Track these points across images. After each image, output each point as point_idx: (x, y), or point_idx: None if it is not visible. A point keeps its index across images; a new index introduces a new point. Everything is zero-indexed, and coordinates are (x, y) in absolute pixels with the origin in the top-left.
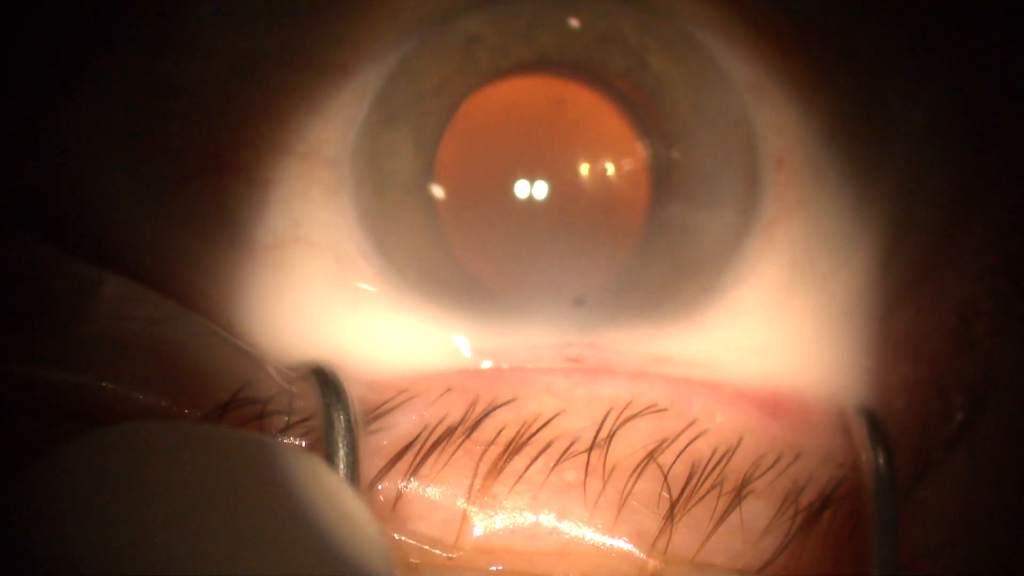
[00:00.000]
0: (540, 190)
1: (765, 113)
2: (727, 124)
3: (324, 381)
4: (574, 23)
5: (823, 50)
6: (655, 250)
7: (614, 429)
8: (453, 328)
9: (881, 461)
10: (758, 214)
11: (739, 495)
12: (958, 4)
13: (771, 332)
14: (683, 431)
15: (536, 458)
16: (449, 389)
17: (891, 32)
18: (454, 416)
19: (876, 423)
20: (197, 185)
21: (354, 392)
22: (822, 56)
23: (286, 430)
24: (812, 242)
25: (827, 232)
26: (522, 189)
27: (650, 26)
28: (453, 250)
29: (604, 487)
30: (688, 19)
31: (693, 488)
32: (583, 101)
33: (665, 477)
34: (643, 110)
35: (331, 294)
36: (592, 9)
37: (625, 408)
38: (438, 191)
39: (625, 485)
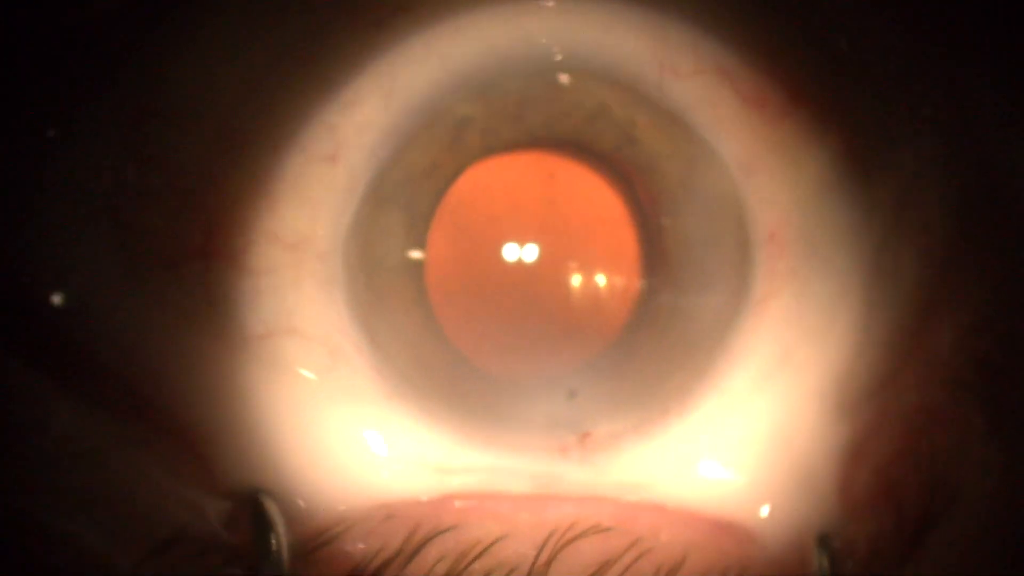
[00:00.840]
0: (530, 262)
1: (756, 187)
2: (717, 199)
3: (259, 515)
4: (563, 103)
5: (812, 115)
6: (645, 336)
7: (555, 552)
8: (444, 420)
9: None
10: (750, 292)
11: None
12: (951, 86)
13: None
14: (626, 550)
15: None
16: (390, 516)
17: (878, 88)
18: (391, 547)
19: (824, 540)
20: (184, 270)
21: (294, 519)
22: (810, 121)
23: (225, 565)
24: (803, 312)
25: (816, 299)
26: (514, 264)
27: (638, 104)
28: (444, 331)
29: None
30: (675, 97)
31: None
32: (574, 175)
33: None
34: (634, 184)
35: (320, 387)
36: (580, 89)
37: (568, 530)
38: (429, 268)
39: None
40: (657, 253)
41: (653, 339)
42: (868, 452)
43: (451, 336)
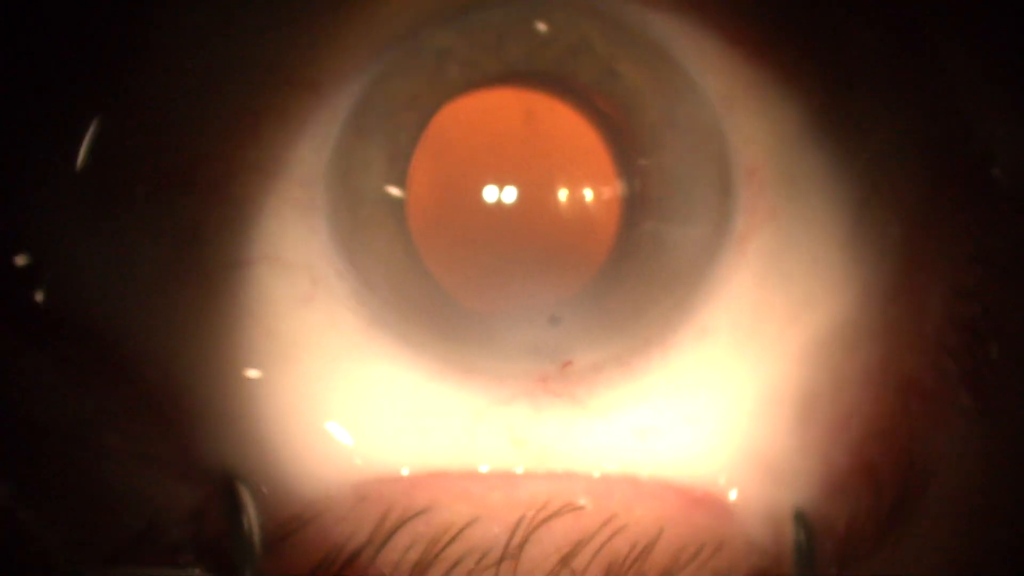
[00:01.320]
0: (510, 201)
1: (737, 123)
2: (699, 134)
3: (232, 501)
4: (543, 35)
5: (792, 58)
6: (628, 265)
7: (528, 534)
8: (425, 347)
9: (803, 553)
10: (731, 227)
11: None
12: (933, 55)
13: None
14: (600, 528)
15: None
16: (362, 498)
17: (860, 40)
18: (363, 533)
19: (801, 516)
20: (164, 199)
21: (266, 505)
22: (791, 64)
23: (197, 559)
24: (783, 255)
25: (797, 244)
26: (492, 200)
27: (620, 38)
28: (426, 265)
29: None
30: (658, 30)
31: None
32: (552, 113)
33: None
34: (614, 121)
35: (300, 318)
36: (561, 21)
37: (540, 509)
38: (411, 204)
39: None
40: (638, 186)
41: (635, 270)
42: (847, 425)
43: (432, 269)
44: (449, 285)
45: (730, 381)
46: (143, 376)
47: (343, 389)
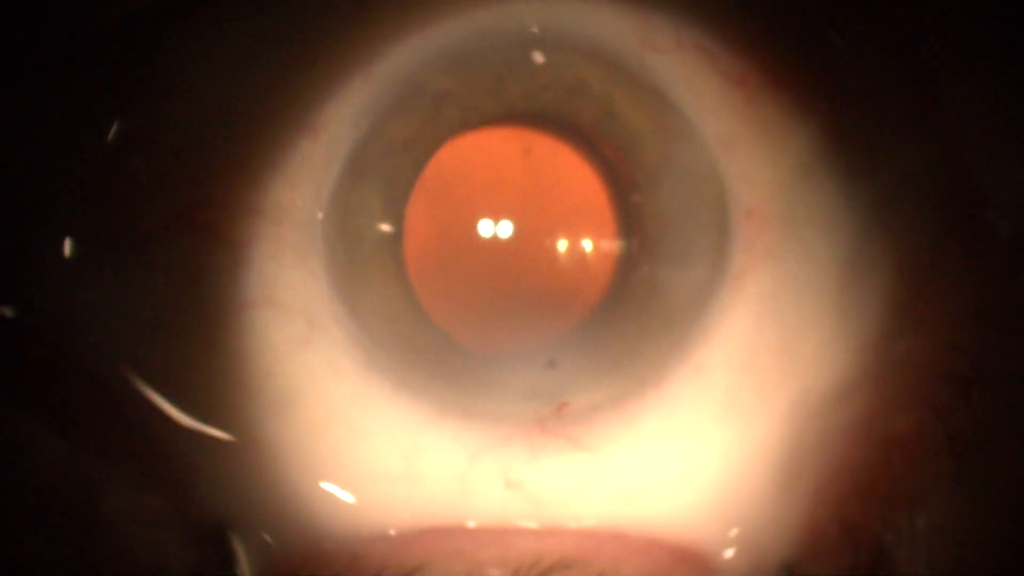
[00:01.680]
0: (508, 238)
1: (734, 163)
2: (696, 175)
3: (224, 553)
4: (542, 77)
5: (793, 99)
6: (624, 307)
7: None
8: (422, 391)
9: None
10: (727, 267)
11: None
12: (934, 99)
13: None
14: None
15: None
16: (356, 556)
17: (861, 84)
18: None
19: (786, 573)
20: (164, 242)
21: (260, 560)
22: (792, 105)
23: None
24: (780, 294)
25: (794, 278)
26: (491, 241)
27: (617, 79)
28: (422, 305)
29: None
30: (657, 72)
31: None
32: (550, 151)
33: None
34: (611, 160)
35: (298, 360)
36: (559, 63)
37: (532, 566)
38: (408, 245)
39: None
40: (635, 227)
41: (631, 311)
42: (831, 481)
43: (430, 310)
44: (446, 325)
45: (721, 428)
46: (139, 425)
47: (340, 436)
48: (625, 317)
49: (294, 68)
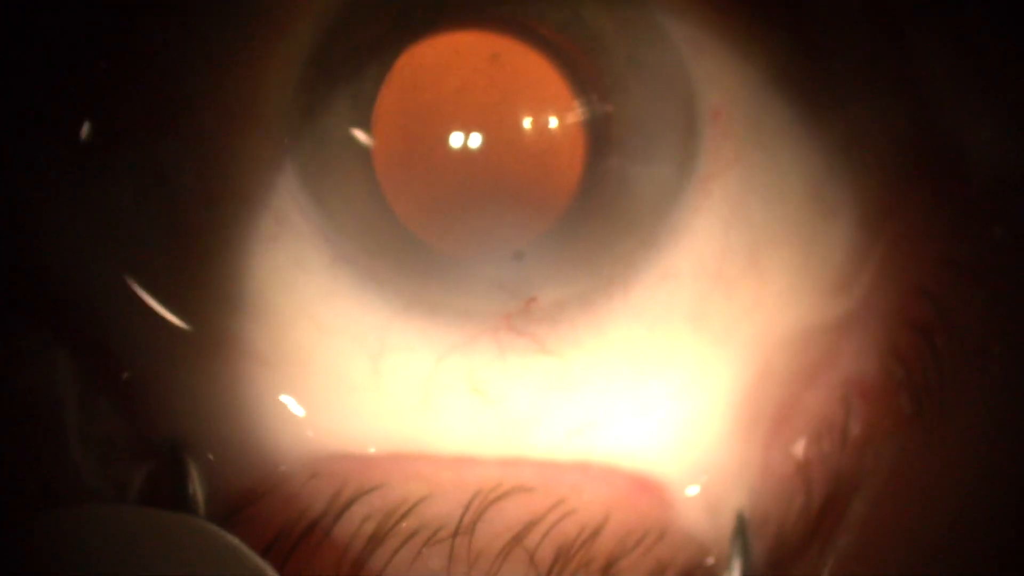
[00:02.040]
0: (476, 144)
1: (702, 65)
2: (663, 77)
3: (176, 472)
4: None
5: (760, 12)
6: (593, 203)
7: (480, 512)
8: (389, 282)
9: (737, 549)
10: (695, 168)
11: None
12: (903, 40)
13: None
14: (550, 510)
15: (400, 548)
16: (315, 475)
17: (830, 8)
18: (318, 507)
19: (740, 512)
20: (135, 141)
21: (214, 479)
22: (759, 17)
23: None
24: (747, 199)
25: (761, 190)
26: (458, 143)
27: None
28: (390, 205)
29: (470, 573)
30: None
31: (559, 570)
32: (518, 55)
33: (532, 559)
34: (579, 64)
35: (266, 256)
36: None
37: (492, 490)
38: (376, 146)
39: (490, 569)
40: (601, 125)
41: (599, 208)
42: (788, 423)
43: (398, 212)
44: (415, 226)
45: (688, 345)
46: (98, 328)
47: (306, 335)
48: (593, 214)
49: None
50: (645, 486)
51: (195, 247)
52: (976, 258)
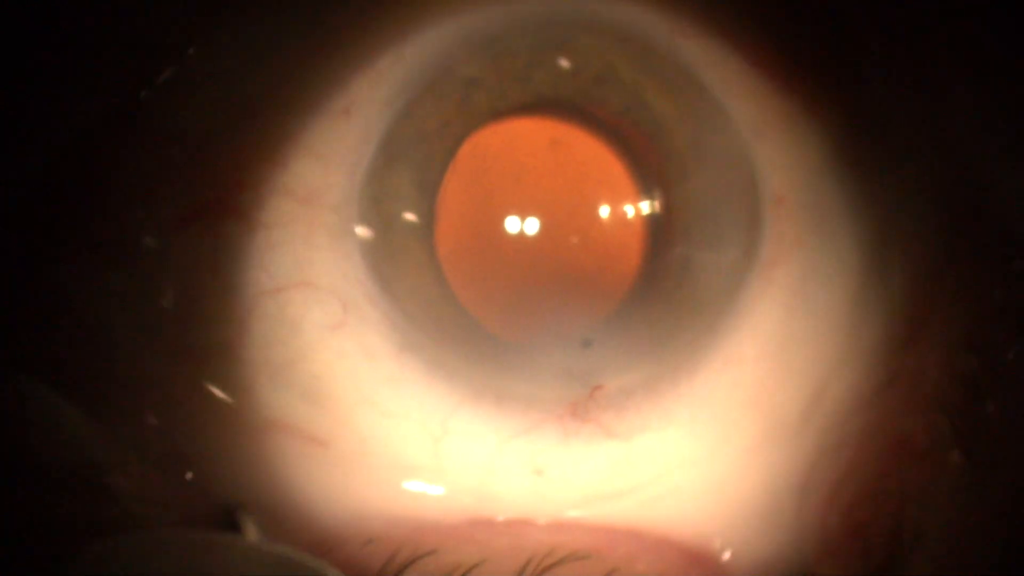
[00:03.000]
0: (538, 230)
1: (764, 150)
2: (726, 162)
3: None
4: (569, 64)
5: (817, 90)
6: (657, 289)
7: None
8: (457, 372)
9: None
10: (758, 254)
11: None
12: (946, 106)
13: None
14: None
15: None
16: (371, 540)
17: (876, 79)
18: (372, 572)
19: None
20: (200, 226)
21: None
22: (816, 96)
23: None
24: (807, 283)
25: (821, 271)
26: (521, 229)
27: (647, 65)
28: (455, 293)
29: None
30: (686, 57)
31: None
32: (577, 141)
33: None
34: (640, 149)
35: (332, 343)
36: (588, 49)
37: (546, 556)
38: (439, 232)
39: None
40: (665, 215)
41: (664, 295)
42: (843, 487)
43: (461, 299)
44: (478, 313)
45: (746, 425)
46: (169, 409)
47: (371, 421)
48: (657, 301)
49: (324, 48)
50: (699, 558)
51: (262, 334)
52: (1020, 310)
